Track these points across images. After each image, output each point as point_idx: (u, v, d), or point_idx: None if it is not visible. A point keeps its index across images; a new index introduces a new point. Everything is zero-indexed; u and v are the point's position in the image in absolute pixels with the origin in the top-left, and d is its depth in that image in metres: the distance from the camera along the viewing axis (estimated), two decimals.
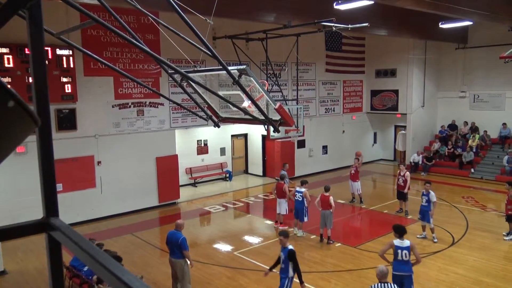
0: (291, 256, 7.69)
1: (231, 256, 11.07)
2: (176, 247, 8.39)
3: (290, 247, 7.75)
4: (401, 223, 13.26)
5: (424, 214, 11.72)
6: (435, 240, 11.57)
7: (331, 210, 11.49)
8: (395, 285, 6.55)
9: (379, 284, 6.53)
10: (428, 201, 11.64)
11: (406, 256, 7.62)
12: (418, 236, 11.84)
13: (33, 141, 1.36)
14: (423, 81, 22.03)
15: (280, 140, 17.97)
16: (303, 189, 12.09)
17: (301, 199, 12.03)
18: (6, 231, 1.33)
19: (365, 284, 9.17)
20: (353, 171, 15.40)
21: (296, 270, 7.72)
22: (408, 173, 14.27)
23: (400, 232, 7.89)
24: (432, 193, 11.68)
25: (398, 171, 14.46)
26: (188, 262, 8.56)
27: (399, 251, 7.66)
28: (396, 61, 21.77)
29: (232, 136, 20.21)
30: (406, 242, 7.76)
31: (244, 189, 18.69)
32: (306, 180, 12.73)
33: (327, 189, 11.86)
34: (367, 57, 22.85)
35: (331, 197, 11.50)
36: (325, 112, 21.42)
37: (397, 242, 7.80)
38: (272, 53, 15.91)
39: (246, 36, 15.76)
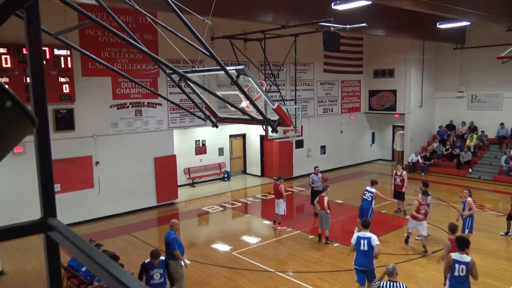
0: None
1: (229, 256, 11.07)
2: (167, 247, 8.34)
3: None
4: (398, 223, 13.38)
5: (464, 222, 11.10)
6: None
7: (325, 211, 11.47)
8: (404, 285, 6.50)
9: (388, 282, 6.51)
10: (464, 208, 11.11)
11: (463, 272, 6.98)
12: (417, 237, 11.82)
13: (31, 141, 1.36)
14: (421, 81, 22.07)
15: (278, 140, 17.97)
16: (373, 190, 11.96)
17: (370, 199, 11.87)
18: (4, 232, 1.33)
19: None
20: (423, 211, 11.19)
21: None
22: (405, 172, 14.31)
23: (461, 245, 7.20)
24: (468, 200, 11.11)
25: (395, 171, 14.48)
26: (182, 263, 8.43)
27: (457, 265, 7.02)
28: (394, 61, 21.81)
29: (230, 136, 20.21)
30: (466, 258, 7.06)
31: (242, 189, 18.69)
32: (376, 180, 12.51)
33: (324, 189, 11.87)
34: (365, 57, 22.88)
35: (325, 198, 11.50)
36: (323, 112, 21.44)
37: (455, 255, 7.13)
38: (270, 53, 15.93)
39: (244, 36, 15.77)
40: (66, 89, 12.87)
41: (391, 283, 6.49)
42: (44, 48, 11.86)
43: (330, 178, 18.83)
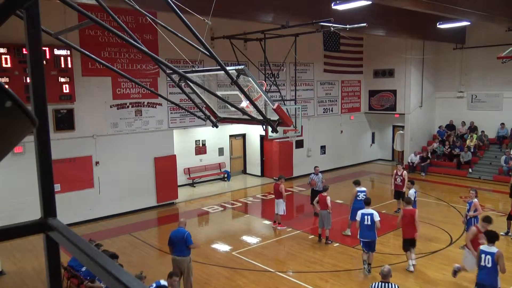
0: None
1: (229, 256, 11.07)
2: (182, 244, 8.47)
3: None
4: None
5: (468, 223, 10.93)
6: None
7: (328, 210, 11.49)
8: (397, 286, 6.54)
9: (380, 283, 6.55)
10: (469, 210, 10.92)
11: (488, 262, 7.20)
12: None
13: (31, 141, 1.36)
14: (421, 81, 22.07)
15: (278, 140, 17.97)
16: (364, 188, 12.19)
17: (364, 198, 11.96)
18: (4, 232, 1.33)
19: (362, 284, 9.19)
20: (481, 240, 8.36)
21: None
22: (405, 172, 14.29)
23: (490, 238, 7.44)
24: (474, 201, 10.91)
25: (395, 171, 14.45)
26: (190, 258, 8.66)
27: (483, 255, 7.31)
28: (394, 61, 21.81)
29: (230, 136, 20.21)
30: (493, 249, 7.26)
31: (242, 189, 18.69)
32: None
33: (325, 189, 11.88)
34: (365, 57, 22.88)
35: (328, 197, 11.52)
36: (323, 112, 21.43)
37: (484, 246, 7.42)
38: (270, 53, 15.93)
39: (244, 36, 15.77)
40: (66, 89, 12.87)
41: (384, 284, 6.52)
42: (44, 48, 11.85)
43: (329, 178, 18.87)
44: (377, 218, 9.59)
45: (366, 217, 9.64)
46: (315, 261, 10.59)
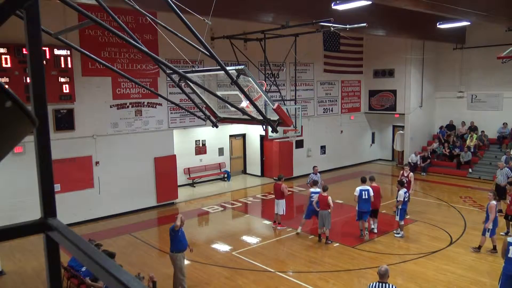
0: None
1: (229, 256, 11.07)
2: (170, 240, 8.74)
3: None
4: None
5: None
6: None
7: (329, 210, 11.50)
8: (394, 286, 6.54)
9: (378, 283, 6.54)
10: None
11: None
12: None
13: (31, 141, 1.36)
14: (421, 81, 22.07)
15: (278, 140, 17.95)
16: (318, 189, 12.42)
17: (315, 199, 12.21)
18: (4, 232, 1.33)
19: (363, 284, 9.19)
20: None
21: None
22: (411, 174, 14.25)
23: None
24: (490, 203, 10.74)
25: (402, 172, 14.40)
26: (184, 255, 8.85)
27: (511, 247, 7.64)
28: (394, 61, 21.81)
29: (231, 136, 20.21)
30: None
31: (242, 189, 18.68)
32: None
33: (325, 189, 11.87)
34: (365, 57, 22.88)
35: (329, 197, 11.52)
36: (323, 112, 21.43)
37: (511, 239, 7.87)
38: (270, 53, 15.93)
39: (244, 36, 15.77)
40: (66, 89, 12.87)
41: (381, 284, 6.51)
42: (44, 48, 11.86)
43: (330, 178, 18.88)
44: (372, 193, 11.67)
45: (363, 192, 11.66)
46: (315, 261, 10.59)
